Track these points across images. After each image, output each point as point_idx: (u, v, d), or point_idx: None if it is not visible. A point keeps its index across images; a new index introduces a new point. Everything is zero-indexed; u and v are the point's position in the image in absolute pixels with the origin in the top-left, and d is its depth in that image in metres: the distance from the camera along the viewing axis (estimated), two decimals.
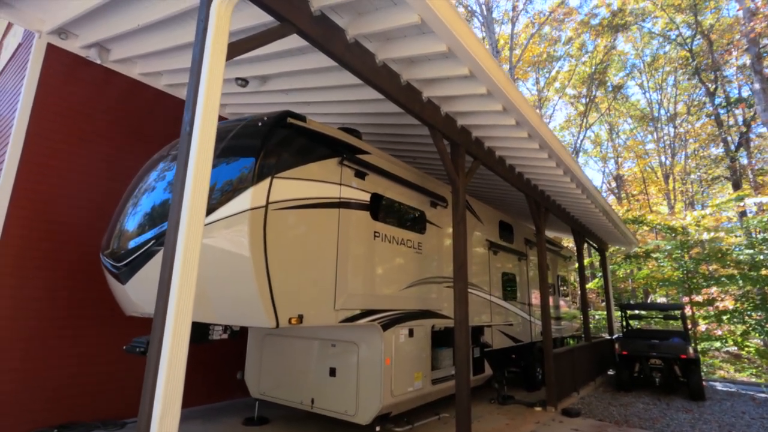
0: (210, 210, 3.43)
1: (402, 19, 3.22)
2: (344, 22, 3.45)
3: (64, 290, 5.17)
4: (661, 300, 21.56)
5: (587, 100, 27.09)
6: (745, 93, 21.15)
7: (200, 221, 2.15)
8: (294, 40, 4.03)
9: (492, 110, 4.52)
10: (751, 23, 13.59)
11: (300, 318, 3.68)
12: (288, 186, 3.73)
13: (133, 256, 3.76)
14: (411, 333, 5.14)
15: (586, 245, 13.19)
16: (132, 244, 3.84)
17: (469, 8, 22.43)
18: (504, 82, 4.03)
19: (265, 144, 3.66)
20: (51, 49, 5.44)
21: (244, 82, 5.54)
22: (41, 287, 4.98)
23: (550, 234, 13.53)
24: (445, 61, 3.87)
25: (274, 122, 3.82)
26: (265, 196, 3.51)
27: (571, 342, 11.60)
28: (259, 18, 3.63)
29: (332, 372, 4.87)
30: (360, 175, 4.61)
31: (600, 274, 15.41)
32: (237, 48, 2.60)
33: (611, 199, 29.84)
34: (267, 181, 3.56)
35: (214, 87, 2.31)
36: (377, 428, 4.59)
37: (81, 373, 5.18)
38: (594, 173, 38.62)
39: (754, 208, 17.14)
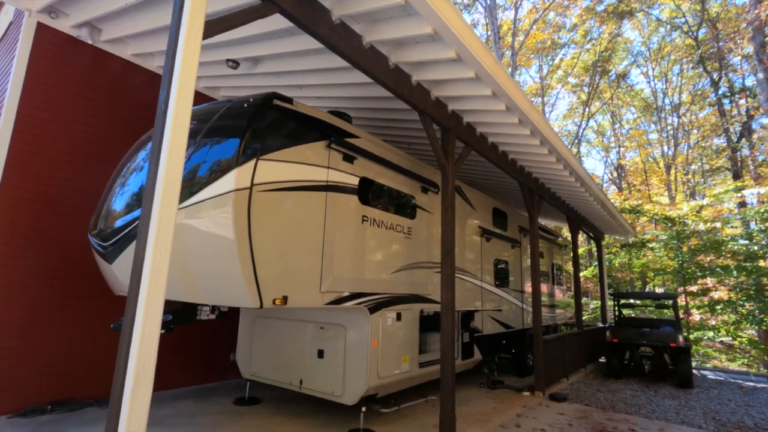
0: (194, 191, 3.45)
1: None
2: (330, 2, 3.41)
3: (59, 270, 5.22)
4: (659, 290, 21.65)
5: (590, 88, 26.82)
6: (750, 83, 20.91)
7: (174, 199, 2.16)
8: (281, 21, 4.01)
9: (481, 95, 4.49)
10: (757, 11, 13.35)
11: (284, 299, 3.73)
12: (274, 168, 3.73)
13: (119, 236, 3.80)
14: (399, 317, 5.19)
15: (584, 235, 13.21)
16: (118, 223, 3.87)
17: None
18: (492, 65, 3.99)
19: (251, 125, 3.65)
20: (41, 28, 5.40)
21: (234, 63, 5.49)
22: (35, 267, 5.03)
23: (545, 222, 13.56)
24: (433, 44, 3.83)
25: (260, 103, 3.81)
26: (249, 177, 3.52)
27: (565, 329, 11.70)
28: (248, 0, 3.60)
29: (320, 354, 4.94)
30: (348, 159, 4.60)
31: (596, 262, 15.45)
32: (215, 26, 2.58)
33: (613, 190, 29.75)
34: (252, 162, 3.56)
35: (190, 65, 2.31)
36: (363, 409, 4.67)
37: (75, 352, 5.26)
38: (596, 163, 38.43)
39: (754, 199, 17.08)
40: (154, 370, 2.01)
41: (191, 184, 3.51)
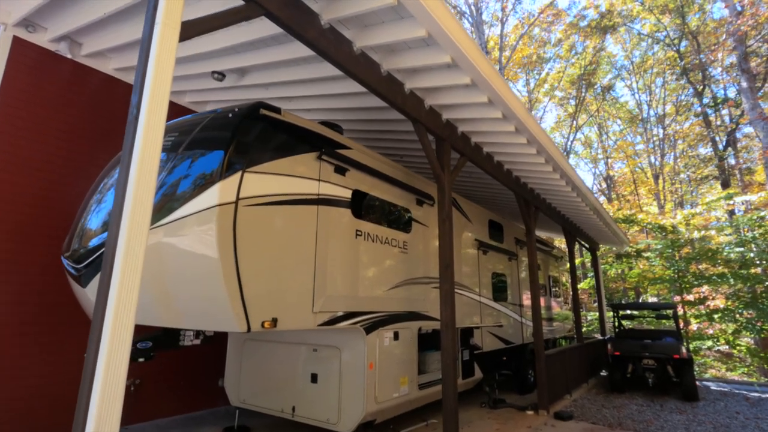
0: (174, 207, 3.21)
1: (378, 1, 3.03)
2: (318, 6, 3.25)
3: (33, 294, 4.87)
4: (653, 299, 21.57)
5: (576, 101, 27.20)
6: (732, 93, 21.35)
7: (146, 214, 1.92)
8: (267, 28, 3.85)
9: (477, 102, 4.35)
10: (738, 22, 13.64)
11: (274, 322, 3.46)
12: (261, 181, 3.51)
13: (92, 257, 3.51)
14: (396, 336, 4.92)
15: (577, 245, 13.09)
16: (92, 243, 3.58)
17: (458, 9, 22.40)
18: (488, 71, 3.85)
19: (236, 136, 3.44)
20: (18, 42, 5.18)
21: (220, 75, 5.31)
22: (7, 291, 4.68)
23: (541, 234, 13.43)
24: (426, 49, 3.68)
25: (245, 113, 3.60)
26: (235, 191, 3.28)
27: (563, 343, 11.46)
28: (226, 4, 3.42)
29: (313, 378, 4.64)
30: (340, 171, 4.40)
31: (591, 274, 15.32)
32: (193, 27, 2.38)
33: (602, 200, 29.95)
34: (237, 175, 3.33)
35: (165, 68, 2.09)
36: None
37: (53, 383, 4.87)
38: (585, 174, 38.80)
39: (742, 207, 17.23)
40: (120, 411, 1.74)
41: (172, 200, 3.27)
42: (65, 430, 4.82)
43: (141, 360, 3.71)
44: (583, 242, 12.28)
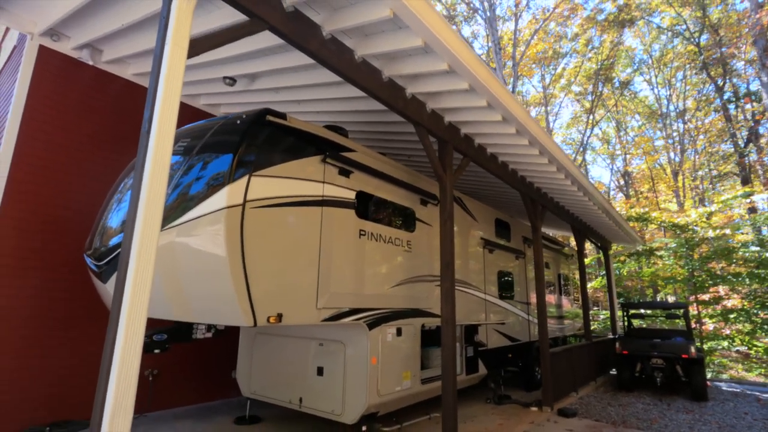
0: (186, 209, 3.43)
1: (375, 13, 3.17)
2: (320, 18, 3.41)
3: (61, 290, 5.19)
4: (671, 299, 21.22)
5: (593, 96, 26.77)
6: (754, 87, 20.76)
7: (157, 221, 2.13)
8: (274, 37, 4.02)
9: (477, 106, 4.45)
10: (758, 15, 13.28)
11: (279, 317, 3.66)
12: (267, 184, 3.71)
13: (112, 255, 3.77)
14: (399, 332, 5.09)
15: (591, 244, 13.01)
16: (112, 242, 3.85)
17: (472, 5, 22.28)
18: (485, 76, 3.96)
19: (243, 141, 3.64)
20: (43, 51, 5.48)
21: (231, 81, 5.53)
22: (37, 286, 5.00)
23: (551, 232, 13.40)
24: (425, 56, 3.81)
25: (252, 119, 3.81)
26: (242, 194, 3.49)
27: (573, 341, 11.46)
28: (235, 17, 3.61)
29: (319, 371, 4.84)
30: (344, 173, 4.57)
31: (603, 272, 15.18)
32: (202, 44, 2.57)
33: (620, 197, 29.45)
34: (245, 179, 3.54)
35: (174, 84, 2.29)
36: (363, 428, 4.55)
37: (79, 372, 5.19)
38: (602, 171, 38.16)
39: (765, 204, 16.79)
40: (134, 397, 1.95)
41: (185, 200, 3.50)
42: (89, 412, 5.16)
43: (157, 351, 3.97)
44: (594, 241, 12.21)
